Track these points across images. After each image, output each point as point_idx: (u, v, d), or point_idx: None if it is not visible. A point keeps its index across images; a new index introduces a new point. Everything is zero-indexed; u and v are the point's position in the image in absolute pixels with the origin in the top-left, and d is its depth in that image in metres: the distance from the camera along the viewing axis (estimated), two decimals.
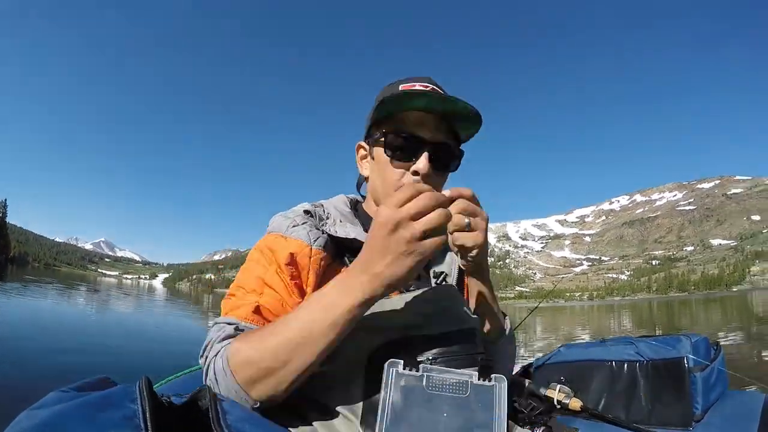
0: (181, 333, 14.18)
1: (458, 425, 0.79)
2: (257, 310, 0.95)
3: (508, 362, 1.22)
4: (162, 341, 11.15)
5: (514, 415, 1.57)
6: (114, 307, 22.61)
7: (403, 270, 0.78)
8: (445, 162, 1.08)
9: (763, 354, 10.04)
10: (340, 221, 1.09)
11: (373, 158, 1.12)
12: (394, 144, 1.05)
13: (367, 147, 1.15)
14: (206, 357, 0.91)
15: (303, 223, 1.05)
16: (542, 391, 1.69)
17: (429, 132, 1.04)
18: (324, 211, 1.12)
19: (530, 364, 2.01)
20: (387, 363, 0.83)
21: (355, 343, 0.95)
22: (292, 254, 1.00)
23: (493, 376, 0.84)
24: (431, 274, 1.15)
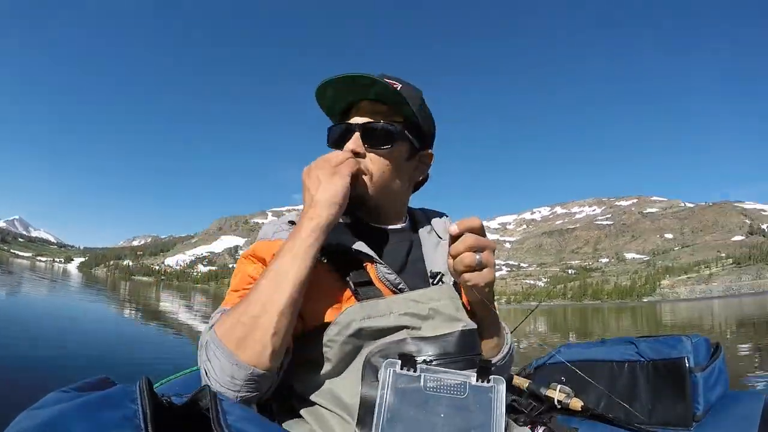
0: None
1: (456, 426, 0.79)
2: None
3: (508, 368, 1.23)
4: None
5: (514, 416, 1.57)
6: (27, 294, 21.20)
7: (333, 188, 0.97)
8: (377, 139, 1.12)
9: None
10: None
11: None
12: (330, 135, 1.17)
13: None
14: (200, 355, 0.92)
15: (288, 229, 1.08)
16: (542, 391, 1.69)
17: (359, 116, 1.13)
18: None
19: (530, 364, 2.00)
20: (384, 363, 0.84)
21: (351, 344, 0.95)
22: (275, 254, 1.01)
23: (491, 377, 0.84)
24: (428, 275, 1.15)
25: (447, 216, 1.34)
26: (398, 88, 1.07)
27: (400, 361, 0.84)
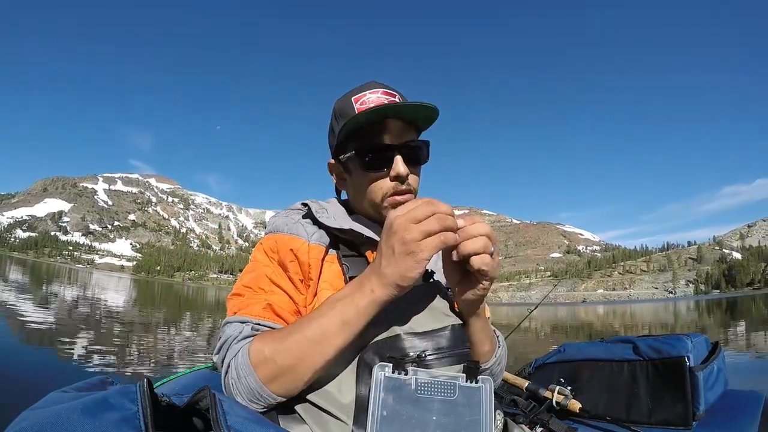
0: None
1: (447, 426, 0.80)
2: (269, 308, 0.99)
3: (501, 371, 1.24)
4: None
5: (513, 415, 1.58)
6: None
7: (402, 269, 0.83)
8: (415, 157, 1.11)
9: None
10: (335, 217, 1.11)
11: (349, 173, 1.15)
12: (367, 158, 1.08)
13: (337, 164, 1.18)
14: (224, 357, 0.95)
15: (300, 221, 1.10)
16: (542, 391, 1.69)
17: (395, 136, 1.08)
18: (320, 206, 1.15)
19: (530, 364, 2.01)
20: (376, 366, 0.85)
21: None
22: (292, 251, 1.04)
23: (479, 377, 0.86)
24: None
25: None
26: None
27: (391, 364, 0.85)
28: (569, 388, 1.66)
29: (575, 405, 1.60)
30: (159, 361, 8.04)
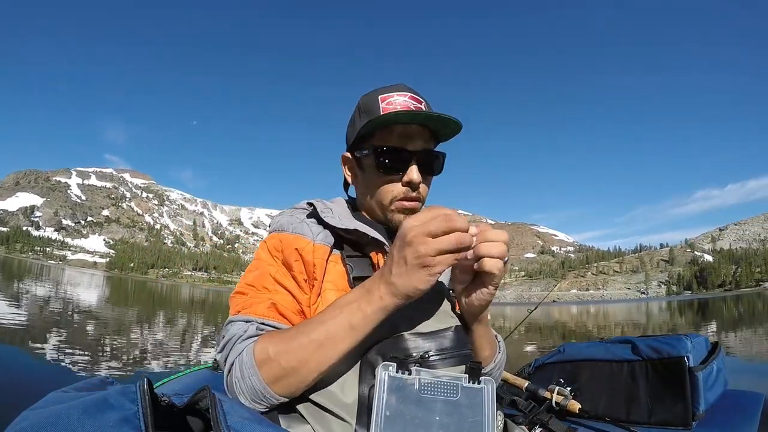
0: None
1: (450, 427, 0.81)
2: (273, 307, 0.99)
3: (501, 373, 1.24)
4: None
5: (512, 415, 1.58)
6: None
7: (414, 281, 0.83)
8: (430, 167, 1.12)
9: None
10: (340, 217, 1.11)
11: (362, 170, 1.16)
12: (383, 159, 1.09)
13: (352, 159, 1.18)
14: (227, 355, 0.95)
15: (304, 220, 1.10)
16: (541, 392, 1.70)
17: (415, 143, 1.08)
18: (325, 206, 1.15)
19: (530, 364, 2.02)
20: (380, 366, 0.85)
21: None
22: (297, 251, 1.04)
23: (481, 378, 0.86)
24: None
25: None
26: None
27: (395, 364, 0.85)
28: (569, 388, 1.67)
29: (575, 405, 1.61)
30: (151, 361, 8.09)
